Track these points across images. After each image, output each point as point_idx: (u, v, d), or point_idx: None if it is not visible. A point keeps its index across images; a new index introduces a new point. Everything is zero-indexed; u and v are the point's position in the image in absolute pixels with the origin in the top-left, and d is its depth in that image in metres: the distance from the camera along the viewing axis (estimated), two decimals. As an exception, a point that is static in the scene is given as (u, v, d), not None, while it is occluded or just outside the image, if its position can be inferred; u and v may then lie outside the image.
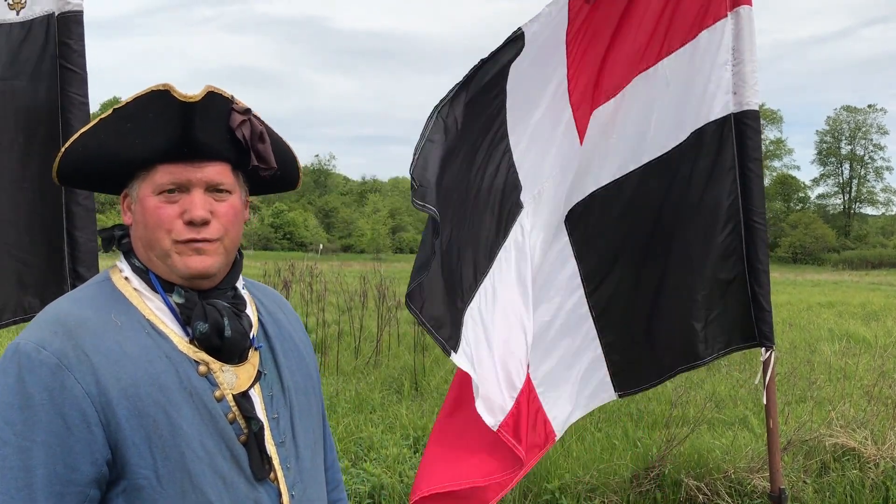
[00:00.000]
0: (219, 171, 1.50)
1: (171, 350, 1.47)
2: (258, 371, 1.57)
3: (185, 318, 1.49)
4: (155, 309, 1.50)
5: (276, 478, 1.54)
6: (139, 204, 1.50)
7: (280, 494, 1.54)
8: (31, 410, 1.34)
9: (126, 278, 1.53)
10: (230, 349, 1.50)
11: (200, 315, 1.48)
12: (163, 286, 1.51)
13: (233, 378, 1.51)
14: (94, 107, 2.74)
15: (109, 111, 1.47)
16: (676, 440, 5.57)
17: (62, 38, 2.61)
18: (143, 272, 1.52)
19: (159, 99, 1.44)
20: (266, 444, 1.53)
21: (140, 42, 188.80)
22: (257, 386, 1.56)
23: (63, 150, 1.50)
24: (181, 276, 1.50)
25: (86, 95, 2.64)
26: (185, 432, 1.42)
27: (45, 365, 1.36)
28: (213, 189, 1.50)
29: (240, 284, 1.64)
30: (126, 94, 1.60)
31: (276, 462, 1.55)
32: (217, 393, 1.48)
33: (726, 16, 2.98)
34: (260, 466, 1.50)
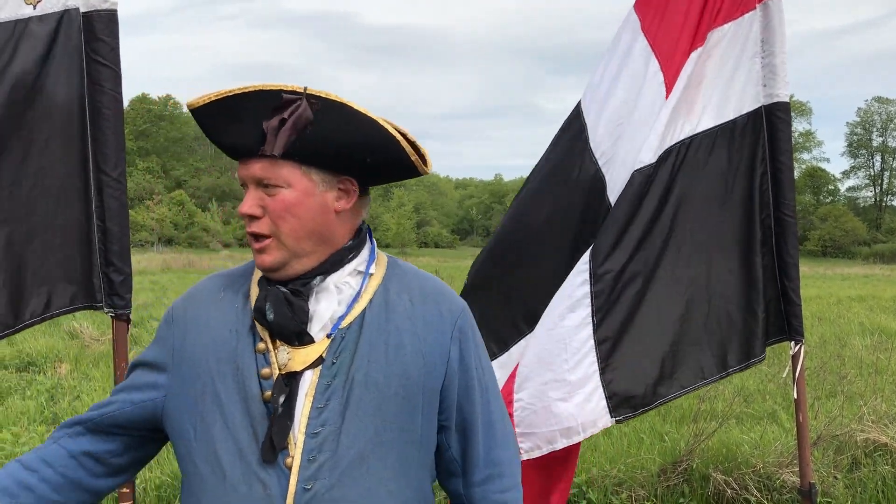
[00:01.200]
0: (263, 167, 1.53)
1: (244, 325, 1.60)
2: (320, 356, 1.56)
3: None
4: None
5: (292, 465, 1.52)
6: None
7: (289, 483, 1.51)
8: (153, 343, 1.70)
9: None
10: (279, 331, 1.56)
11: (255, 299, 1.61)
12: None
13: (286, 358, 1.56)
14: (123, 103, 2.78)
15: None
16: (704, 434, 5.53)
17: (100, 35, 2.65)
18: None
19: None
20: (295, 430, 1.52)
21: (165, 40, 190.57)
22: (317, 371, 1.55)
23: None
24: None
25: (120, 92, 2.69)
26: (223, 402, 1.56)
27: (166, 317, 1.70)
28: (262, 185, 1.55)
29: (354, 268, 1.62)
30: (152, 91, 1.69)
31: (298, 450, 1.51)
32: (265, 370, 1.55)
33: (755, 7, 2.95)
34: (268, 449, 1.51)
